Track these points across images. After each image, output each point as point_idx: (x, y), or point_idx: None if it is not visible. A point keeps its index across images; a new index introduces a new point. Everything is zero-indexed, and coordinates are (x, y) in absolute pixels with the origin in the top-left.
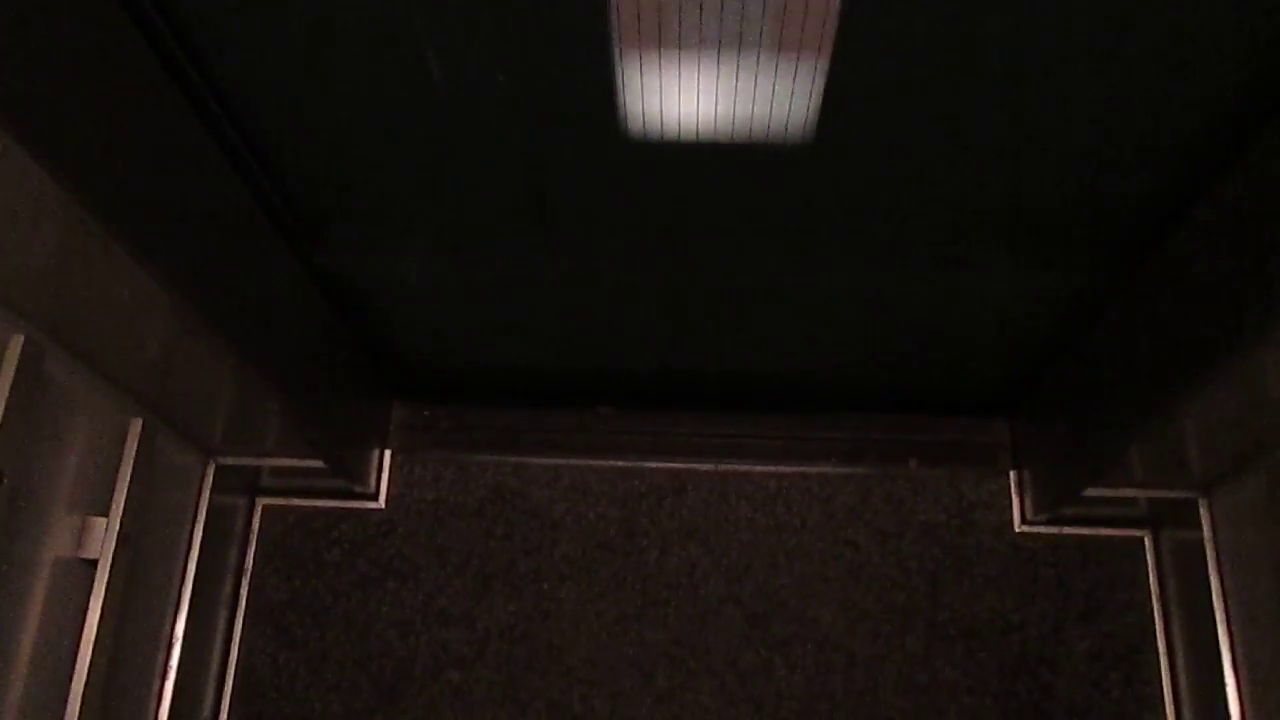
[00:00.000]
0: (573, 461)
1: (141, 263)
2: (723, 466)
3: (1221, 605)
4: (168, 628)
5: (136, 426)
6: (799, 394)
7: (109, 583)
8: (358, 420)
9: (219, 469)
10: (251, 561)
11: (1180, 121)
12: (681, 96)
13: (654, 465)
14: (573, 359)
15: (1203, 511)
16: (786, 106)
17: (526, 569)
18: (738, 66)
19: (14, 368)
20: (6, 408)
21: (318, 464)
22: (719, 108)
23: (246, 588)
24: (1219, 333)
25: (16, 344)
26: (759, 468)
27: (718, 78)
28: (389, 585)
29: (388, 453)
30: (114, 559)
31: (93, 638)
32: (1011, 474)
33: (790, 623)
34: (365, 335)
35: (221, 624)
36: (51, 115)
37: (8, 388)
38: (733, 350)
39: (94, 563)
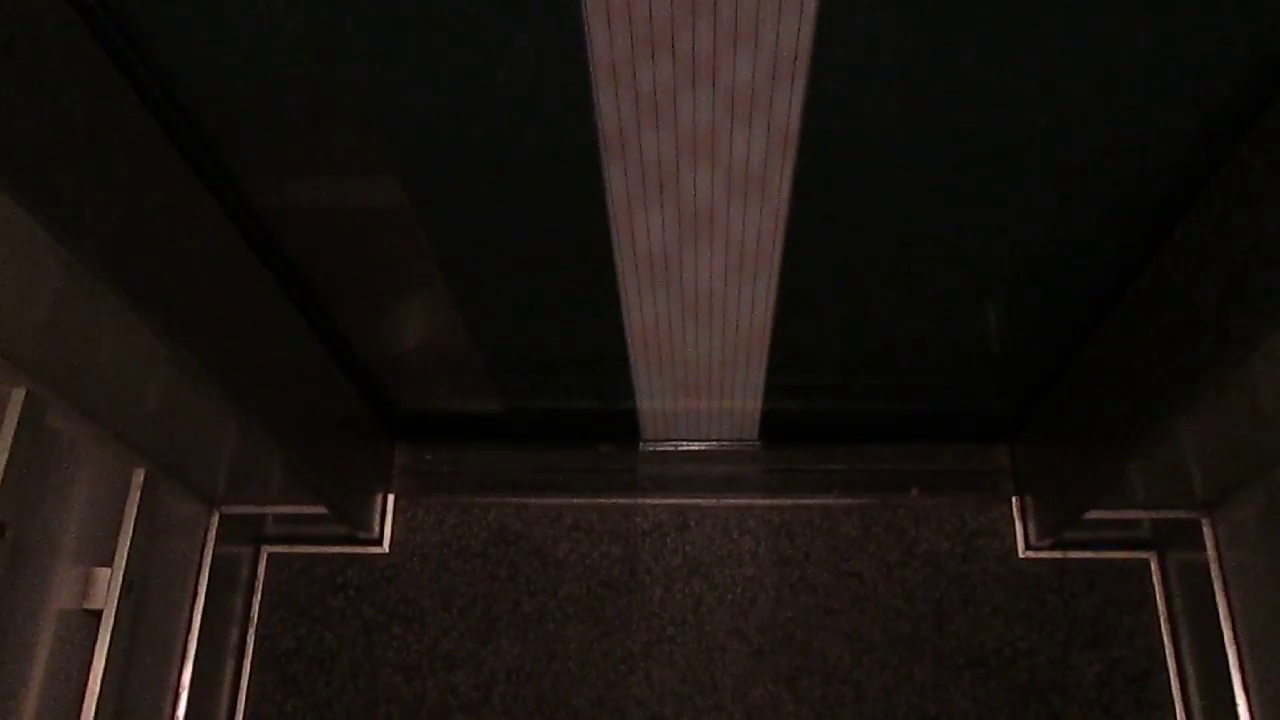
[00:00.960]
0: (575, 501)
1: (140, 315)
2: (724, 501)
3: (1229, 625)
4: (174, 677)
5: (139, 477)
6: (799, 426)
7: (114, 633)
8: (360, 465)
9: (222, 518)
10: (257, 609)
11: (1163, 143)
12: None
13: (656, 502)
14: (572, 399)
15: (1206, 531)
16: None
17: (531, 610)
18: None
19: (16, 420)
20: (9, 460)
21: (321, 510)
22: None
23: (253, 636)
24: (1207, 350)
25: (19, 397)
26: (761, 501)
27: None
28: (394, 630)
29: (391, 497)
30: (118, 609)
31: (98, 689)
32: (1014, 500)
33: (797, 656)
34: (365, 380)
35: (228, 673)
36: (48, 170)
37: (10, 440)
38: (732, 384)
39: (98, 613)
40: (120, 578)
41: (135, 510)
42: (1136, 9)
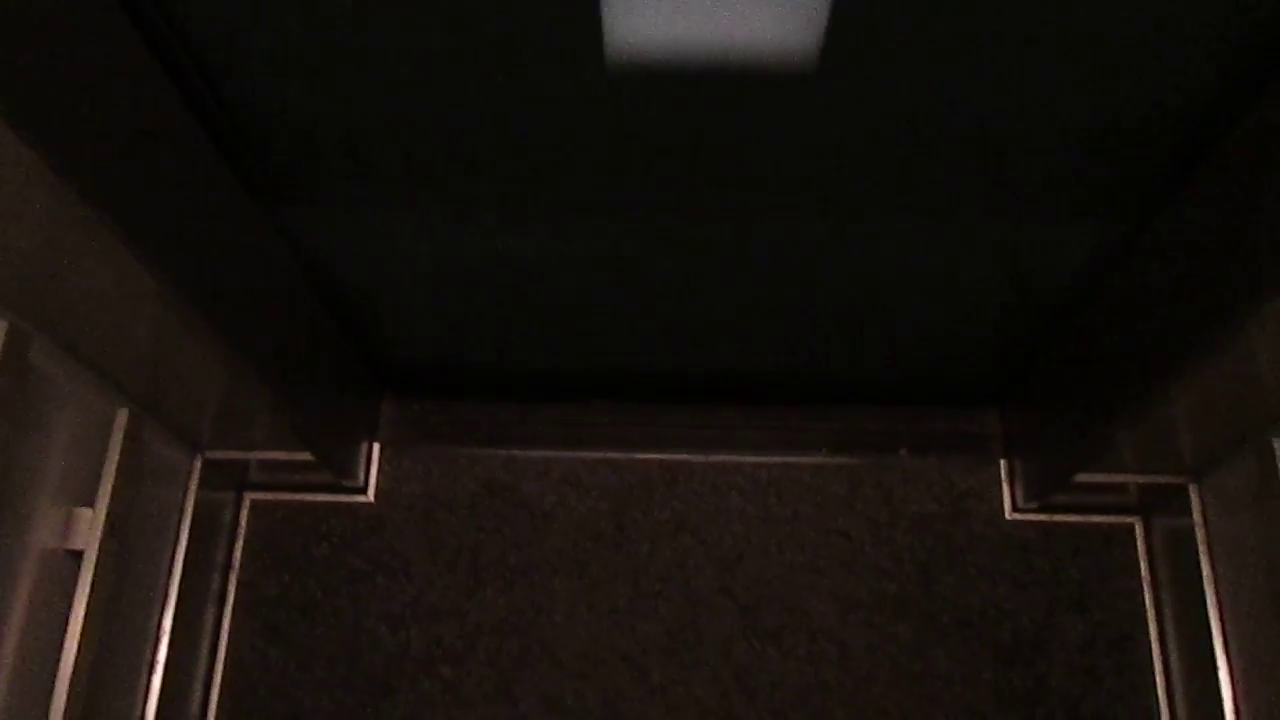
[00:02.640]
0: (563, 454)
1: (130, 249)
2: (714, 458)
3: (1212, 591)
4: (155, 623)
5: (123, 418)
6: (790, 385)
7: (95, 574)
8: (347, 414)
9: (206, 463)
10: (239, 557)
11: (1164, 107)
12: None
13: (645, 457)
14: (562, 353)
15: (1193, 497)
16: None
17: (517, 563)
18: None
19: None
20: None
21: (306, 457)
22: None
23: (235, 583)
24: (1204, 314)
25: (1, 332)
26: (750, 458)
27: None
28: (379, 580)
29: (377, 446)
30: (100, 550)
31: (79, 630)
32: (1002, 463)
33: (782, 613)
34: (354, 329)
35: (210, 620)
36: (41, 99)
37: None
38: (723, 342)
39: (80, 554)
40: (103, 519)
41: (119, 451)
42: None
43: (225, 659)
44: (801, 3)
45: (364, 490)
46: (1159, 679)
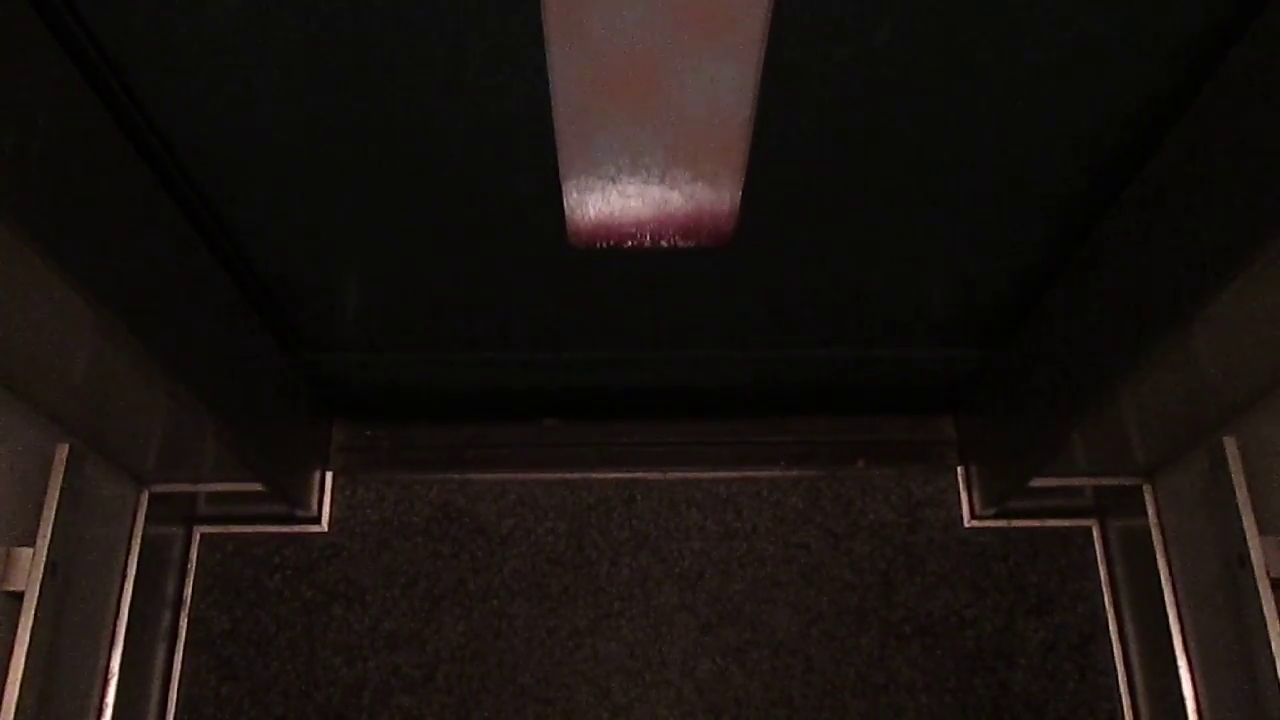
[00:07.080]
0: (519, 476)
1: (65, 278)
2: (671, 474)
3: (1170, 590)
4: (103, 663)
5: (63, 453)
6: (745, 399)
7: (37, 615)
8: (297, 442)
9: (153, 497)
10: (190, 592)
11: (1110, 110)
12: None
13: (602, 476)
14: (514, 373)
15: (1147, 497)
16: None
17: (476, 587)
18: None
19: None
20: None
21: (256, 488)
22: None
23: (185, 619)
24: (1151, 317)
25: None
26: (708, 474)
27: None
28: (334, 610)
29: (329, 474)
30: (41, 592)
31: (20, 675)
32: (959, 470)
33: (745, 629)
34: (302, 355)
35: (160, 657)
36: None
37: None
38: (676, 357)
39: (20, 596)
40: (43, 559)
41: (59, 488)
42: None
43: (177, 698)
44: None
45: (317, 519)
46: (1121, 679)
